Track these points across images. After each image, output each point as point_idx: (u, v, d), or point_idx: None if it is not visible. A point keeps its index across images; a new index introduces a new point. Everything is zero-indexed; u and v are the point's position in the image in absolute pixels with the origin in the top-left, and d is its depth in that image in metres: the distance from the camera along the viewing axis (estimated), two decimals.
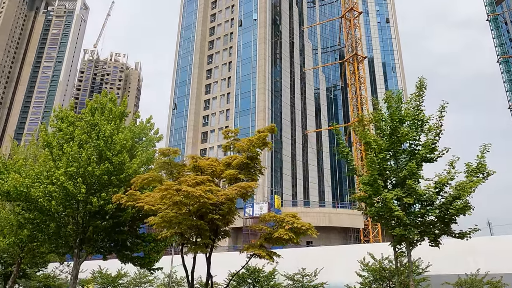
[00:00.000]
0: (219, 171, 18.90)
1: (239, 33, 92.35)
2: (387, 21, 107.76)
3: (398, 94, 16.96)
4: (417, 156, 15.57)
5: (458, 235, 15.53)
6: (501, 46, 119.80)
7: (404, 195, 15.07)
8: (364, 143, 17.13)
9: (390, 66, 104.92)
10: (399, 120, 16.00)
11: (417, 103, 16.28)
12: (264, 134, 18.14)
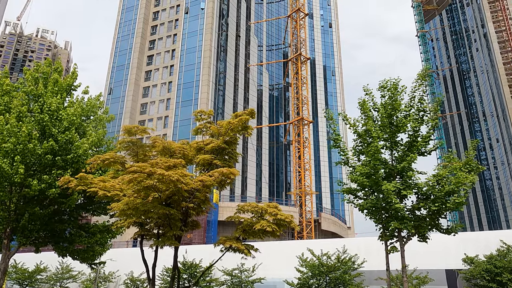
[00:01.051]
0: (191, 156, 17.08)
1: (184, 20, 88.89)
2: (330, 26, 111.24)
3: (395, 83, 16.63)
4: (414, 148, 15.35)
5: (445, 231, 15.61)
6: (427, 60, 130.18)
7: (402, 187, 14.72)
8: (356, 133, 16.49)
9: (330, 69, 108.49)
10: (397, 110, 15.64)
11: (421, 93, 16.08)
12: (246, 117, 16.72)
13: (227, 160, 17.15)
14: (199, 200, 15.57)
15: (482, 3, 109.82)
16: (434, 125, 15.83)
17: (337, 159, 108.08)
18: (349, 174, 16.88)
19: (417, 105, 15.98)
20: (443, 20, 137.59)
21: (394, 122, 15.98)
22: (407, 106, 16.22)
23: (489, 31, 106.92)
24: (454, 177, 14.50)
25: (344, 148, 17.55)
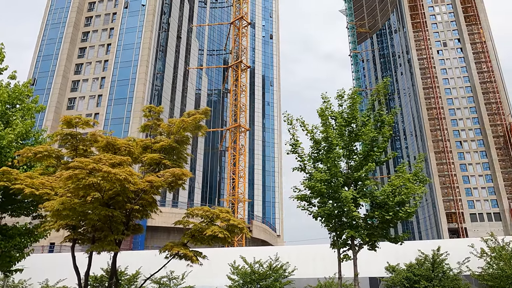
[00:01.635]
0: (137, 154, 15.76)
1: (123, 15, 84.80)
2: (271, 37, 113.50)
3: (354, 92, 16.91)
4: (370, 157, 15.63)
5: (393, 240, 16.07)
6: (357, 79, 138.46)
7: (359, 195, 14.86)
8: (313, 139, 16.42)
9: (269, 79, 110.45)
10: (356, 118, 15.88)
11: (380, 104, 16.47)
12: (200, 116, 15.89)
13: (176, 160, 16.11)
14: (146, 202, 14.34)
15: (408, 32, 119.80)
16: (389, 136, 16.44)
17: (270, 168, 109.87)
18: (305, 180, 16.81)
19: (376, 115, 16.46)
20: (374, 43, 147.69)
21: (353, 130, 16.27)
22: (365, 116, 16.66)
23: (413, 58, 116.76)
24: (405, 188, 15.11)
25: (302, 154, 17.47)
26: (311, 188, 16.09)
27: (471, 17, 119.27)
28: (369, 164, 15.44)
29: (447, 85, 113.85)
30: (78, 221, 14.63)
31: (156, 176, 14.37)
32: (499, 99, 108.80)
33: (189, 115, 16.31)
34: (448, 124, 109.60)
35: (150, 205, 14.63)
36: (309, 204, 16.31)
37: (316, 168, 16.93)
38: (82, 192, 13.34)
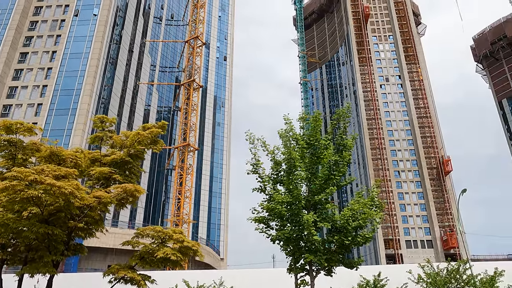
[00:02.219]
0: (85, 167, 14.49)
1: (73, 23, 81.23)
2: (225, 58, 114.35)
3: (317, 115, 16.97)
4: (331, 181, 15.59)
5: (349, 265, 16.00)
6: (306, 106, 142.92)
7: (319, 219, 14.64)
8: (274, 161, 16.13)
9: (221, 100, 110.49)
10: (319, 141, 15.85)
11: (344, 128, 16.60)
12: (156, 131, 15.06)
13: (128, 176, 15.03)
14: (91, 220, 13.07)
15: (355, 65, 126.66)
16: (348, 160, 16.67)
17: (217, 189, 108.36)
18: (265, 202, 16.39)
19: (338, 139, 16.65)
20: (323, 73, 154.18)
21: (314, 153, 16.25)
22: (326, 139, 16.78)
23: (358, 90, 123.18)
24: (362, 213, 15.25)
25: (263, 175, 17.09)
26: (271, 210, 15.72)
27: (410, 57, 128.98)
28: (330, 188, 15.48)
29: (388, 118, 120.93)
30: (8, 239, 12.97)
31: (105, 191, 13.22)
32: (433, 134, 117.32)
33: (145, 129, 15.41)
34: (388, 154, 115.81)
35: (97, 223, 13.36)
36: (267, 227, 15.90)
37: (276, 190, 16.67)
38: (18, 206, 11.87)
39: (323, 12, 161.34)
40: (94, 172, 14.15)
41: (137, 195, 13.31)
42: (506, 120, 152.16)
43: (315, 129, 17.06)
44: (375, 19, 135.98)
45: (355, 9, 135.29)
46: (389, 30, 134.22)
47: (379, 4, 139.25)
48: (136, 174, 15.41)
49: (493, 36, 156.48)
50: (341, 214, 15.70)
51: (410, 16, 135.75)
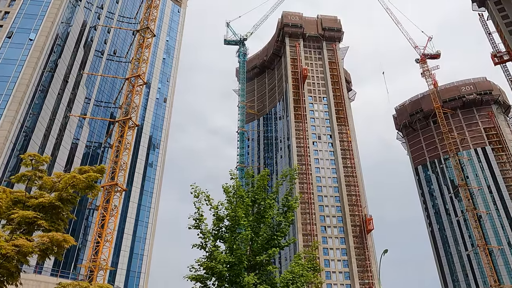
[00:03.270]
0: (6, 208, 12.86)
1: (4, 45, 76.12)
2: (164, 100, 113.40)
3: (265, 173, 16.98)
4: (273, 241, 15.36)
5: None
6: (241, 155, 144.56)
7: (259, 281, 14.14)
8: (216, 216, 15.61)
9: (156, 141, 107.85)
10: (265, 199, 15.73)
11: (290, 189, 16.67)
12: (94, 175, 14.04)
13: (55, 222, 13.62)
14: (6, 272, 11.40)
15: (290, 121, 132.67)
16: (291, 221, 16.75)
17: (141, 233, 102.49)
18: (204, 260, 15.59)
19: (284, 199, 16.75)
20: (260, 125, 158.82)
21: (259, 211, 16.11)
22: (270, 198, 16.81)
23: (292, 144, 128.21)
24: (302, 276, 15.14)
25: (205, 231, 16.41)
26: (210, 269, 14.96)
27: (341, 119, 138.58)
28: (272, 249, 15.30)
29: (318, 173, 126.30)
30: None
31: (26, 239, 11.75)
32: (358, 192, 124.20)
33: (81, 171, 14.30)
34: (317, 209, 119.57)
35: (12, 276, 11.64)
36: (203, 286, 15.03)
37: (216, 247, 16.05)
38: None
39: (265, 68, 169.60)
40: (16, 216, 12.59)
41: (65, 246, 11.98)
42: (421, 185, 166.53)
43: (261, 187, 17.13)
44: (312, 81, 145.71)
45: (294, 69, 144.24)
46: (324, 92, 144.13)
47: (316, 68, 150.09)
48: (65, 220, 14.01)
49: (412, 109, 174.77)
50: (282, 276, 15.46)
51: (343, 82, 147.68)
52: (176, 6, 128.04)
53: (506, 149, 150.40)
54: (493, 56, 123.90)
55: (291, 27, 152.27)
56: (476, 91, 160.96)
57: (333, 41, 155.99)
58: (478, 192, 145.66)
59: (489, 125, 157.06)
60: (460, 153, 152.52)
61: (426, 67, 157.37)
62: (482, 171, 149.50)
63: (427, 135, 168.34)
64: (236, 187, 17.18)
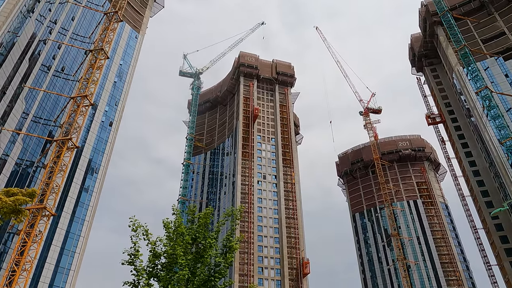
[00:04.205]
0: None
1: None
2: (110, 124, 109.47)
3: (208, 211, 16.46)
4: (209, 283, 14.65)
5: None
6: (184, 188, 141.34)
7: None
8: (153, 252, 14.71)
9: (95, 166, 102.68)
10: (206, 238, 15.13)
11: (232, 229, 16.19)
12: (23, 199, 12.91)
13: None
14: None
15: (238, 158, 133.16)
16: (230, 262, 16.23)
17: (66, 264, 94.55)
18: None
19: (225, 240, 16.26)
20: (207, 159, 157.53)
21: (199, 251, 15.46)
22: (211, 237, 16.29)
23: (237, 182, 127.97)
24: None
25: (139, 268, 15.32)
26: None
27: (287, 161, 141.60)
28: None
29: (260, 213, 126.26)
30: None
31: None
32: (298, 235, 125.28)
33: (8, 194, 13.06)
34: (255, 249, 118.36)
35: None
36: None
37: (149, 286, 14.98)
38: None
39: (218, 103, 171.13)
40: None
41: None
42: (357, 232, 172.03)
43: (203, 226, 16.61)
44: (262, 121, 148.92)
45: (246, 107, 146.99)
46: (273, 133, 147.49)
47: (267, 109, 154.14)
48: None
49: (353, 157, 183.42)
50: None
51: (291, 125, 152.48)
52: (134, 32, 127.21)
53: (435, 203, 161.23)
54: (427, 117, 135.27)
55: (247, 67, 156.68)
56: (411, 147, 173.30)
57: (285, 85, 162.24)
58: (408, 243, 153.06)
59: (421, 180, 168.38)
60: (394, 204, 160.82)
61: (368, 120, 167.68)
62: (413, 222, 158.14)
63: (366, 184, 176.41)
64: (177, 223, 16.52)
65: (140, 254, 15.81)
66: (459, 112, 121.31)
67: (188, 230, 16.55)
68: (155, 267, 15.57)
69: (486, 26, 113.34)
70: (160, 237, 16.16)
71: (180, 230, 16.30)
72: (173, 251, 15.10)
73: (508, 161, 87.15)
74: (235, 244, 17.29)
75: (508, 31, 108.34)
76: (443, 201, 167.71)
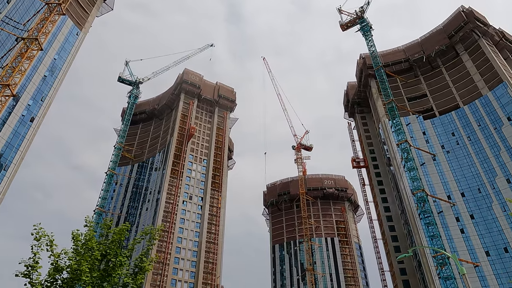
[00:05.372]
0: None
1: None
2: (31, 119, 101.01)
3: (123, 228, 15.35)
4: None
5: None
6: (104, 199, 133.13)
7: None
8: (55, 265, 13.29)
9: (5, 162, 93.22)
10: (117, 254, 13.99)
11: (147, 249, 15.14)
12: None
13: None
14: None
15: (166, 175, 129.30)
16: (139, 284, 15.17)
17: None
18: None
19: (138, 259, 15.23)
20: (133, 171, 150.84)
21: (107, 268, 14.26)
22: (123, 255, 15.19)
23: (162, 199, 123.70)
24: None
25: (36, 281, 13.69)
26: None
27: (216, 184, 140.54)
28: None
29: (181, 234, 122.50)
30: None
31: None
32: (216, 261, 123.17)
33: None
34: (170, 271, 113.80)
35: None
36: None
37: None
38: None
39: (154, 116, 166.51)
40: None
41: None
42: (275, 263, 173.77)
43: (116, 242, 15.47)
44: (197, 141, 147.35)
45: (182, 125, 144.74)
46: (206, 154, 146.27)
47: (203, 130, 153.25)
48: None
49: (280, 189, 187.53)
50: None
51: (225, 150, 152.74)
52: (76, 28, 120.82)
53: (350, 243, 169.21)
54: (353, 160, 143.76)
55: (190, 85, 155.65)
56: (335, 186, 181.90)
57: (225, 109, 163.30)
58: (321, 278, 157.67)
59: (340, 219, 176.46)
60: (313, 239, 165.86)
61: (299, 155, 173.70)
62: (328, 259, 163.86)
63: (289, 217, 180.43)
64: (88, 236, 15.22)
65: (39, 267, 14.21)
66: (381, 160, 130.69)
67: (99, 245, 15.28)
68: (54, 282, 14.03)
69: (412, 86, 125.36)
70: (66, 250, 14.72)
71: (90, 244, 14.97)
72: (78, 266, 13.76)
73: (417, 211, 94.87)
74: (148, 265, 16.33)
75: (429, 94, 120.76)
76: (358, 241, 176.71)
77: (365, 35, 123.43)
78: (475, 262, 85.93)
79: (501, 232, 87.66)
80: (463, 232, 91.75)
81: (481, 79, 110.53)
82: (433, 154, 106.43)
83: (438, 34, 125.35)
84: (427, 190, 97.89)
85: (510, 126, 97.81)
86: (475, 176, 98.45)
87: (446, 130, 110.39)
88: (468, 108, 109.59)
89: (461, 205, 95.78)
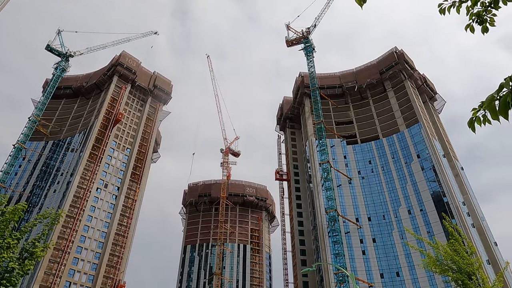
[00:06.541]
0: None
1: None
2: None
3: (19, 207, 13.67)
4: None
5: None
6: (6, 173, 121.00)
7: None
8: None
9: None
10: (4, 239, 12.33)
11: (42, 233, 13.56)
12: None
13: None
14: None
15: (83, 158, 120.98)
16: (27, 270, 13.65)
17: None
18: None
19: (28, 244, 13.67)
20: (46, 148, 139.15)
21: None
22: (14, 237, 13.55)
23: (73, 182, 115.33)
24: None
25: None
26: None
27: (136, 176, 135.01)
28: None
29: (88, 222, 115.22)
30: None
31: None
32: (122, 255, 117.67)
33: None
34: (69, 260, 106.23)
35: None
36: None
37: None
38: None
39: (80, 94, 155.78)
40: None
41: None
42: (183, 264, 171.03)
43: (7, 222, 13.80)
44: (123, 128, 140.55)
45: (110, 109, 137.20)
46: (130, 143, 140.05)
47: (132, 118, 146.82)
48: None
49: (202, 190, 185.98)
50: None
51: (152, 142, 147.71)
52: None
53: (261, 252, 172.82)
54: (277, 172, 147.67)
55: (125, 68, 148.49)
56: (256, 195, 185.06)
57: (159, 100, 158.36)
58: (228, 284, 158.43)
59: (256, 227, 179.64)
60: (226, 244, 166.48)
61: (226, 160, 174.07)
62: (237, 265, 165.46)
63: (206, 219, 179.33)
64: None
65: None
66: (303, 176, 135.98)
67: None
68: None
69: (341, 112, 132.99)
70: None
71: None
72: None
73: (327, 229, 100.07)
74: (40, 251, 14.84)
75: (355, 121, 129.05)
76: (269, 251, 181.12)
77: (307, 55, 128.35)
78: (370, 282, 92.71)
79: (396, 258, 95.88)
80: (364, 254, 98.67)
81: (401, 116, 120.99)
82: (350, 177, 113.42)
83: (371, 68, 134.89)
84: (339, 210, 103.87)
85: (418, 163, 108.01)
86: (382, 204, 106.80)
87: (364, 157, 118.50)
88: (386, 141, 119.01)
89: (366, 228, 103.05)
